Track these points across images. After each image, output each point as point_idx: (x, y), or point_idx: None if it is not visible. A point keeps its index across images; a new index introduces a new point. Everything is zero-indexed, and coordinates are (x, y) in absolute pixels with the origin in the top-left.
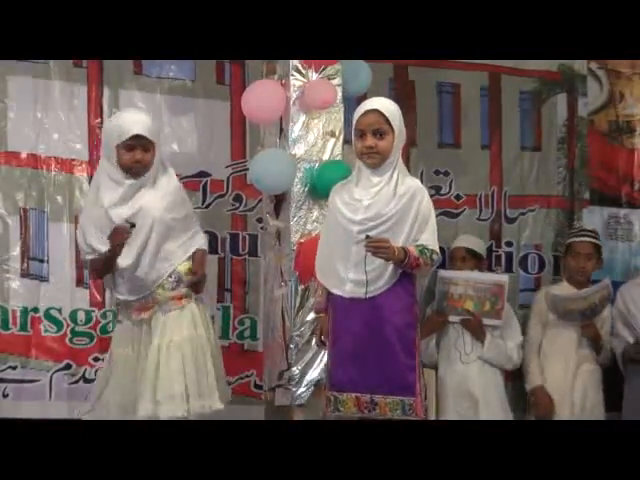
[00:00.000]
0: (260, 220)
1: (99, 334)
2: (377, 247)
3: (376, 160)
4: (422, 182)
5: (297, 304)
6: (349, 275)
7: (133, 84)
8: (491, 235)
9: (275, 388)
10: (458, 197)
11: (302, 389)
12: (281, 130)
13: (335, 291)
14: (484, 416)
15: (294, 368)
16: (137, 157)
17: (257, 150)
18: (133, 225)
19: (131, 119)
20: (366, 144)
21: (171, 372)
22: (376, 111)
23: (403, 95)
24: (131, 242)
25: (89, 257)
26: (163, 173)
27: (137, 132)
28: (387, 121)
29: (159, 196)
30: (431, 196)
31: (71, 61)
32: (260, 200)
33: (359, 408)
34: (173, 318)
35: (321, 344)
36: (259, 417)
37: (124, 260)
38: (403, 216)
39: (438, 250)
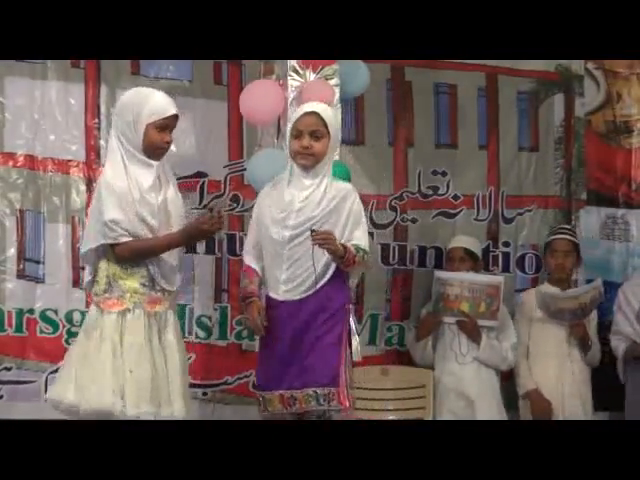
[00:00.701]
0: None
1: None
2: (323, 239)
3: (309, 162)
4: (420, 182)
5: None
6: (282, 278)
7: (131, 84)
8: (488, 235)
9: None
10: (455, 197)
11: None
12: (279, 130)
13: (269, 293)
14: (480, 417)
15: None
16: (168, 138)
17: (255, 150)
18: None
19: (165, 98)
20: (302, 144)
21: (180, 371)
22: (315, 114)
23: (400, 96)
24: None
25: (124, 239)
26: (168, 170)
27: (175, 112)
28: (325, 125)
29: (176, 189)
30: (429, 196)
31: (68, 61)
32: None
33: (283, 405)
34: (175, 317)
35: (263, 329)
36: (258, 417)
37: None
38: (334, 217)
39: (369, 250)
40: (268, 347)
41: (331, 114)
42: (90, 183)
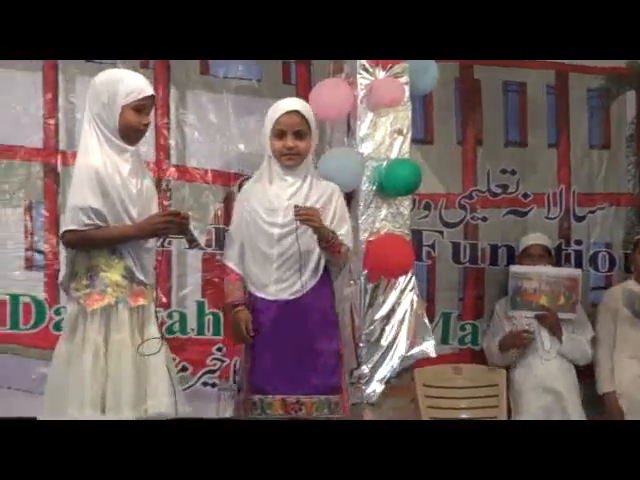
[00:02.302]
0: None
1: None
2: (307, 214)
3: (295, 161)
4: (488, 181)
5: (366, 302)
6: (272, 277)
7: (200, 84)
8: (560, 233)
9: None
10: (525, 196)
11: (372, 387)
12: (349, 128)
13: (258, 294)
14: (570, 410)
15: (364, 366)
16: (145, 120)
17: (325, 149)
18: (180, 214)
19: (141, 79)
20: (287, 144)
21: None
22: (297, 112)
23: (469, 94)
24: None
25: (84, 227)
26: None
27: (152, 93)
28: (307, 123)
29: (150, 179)
30: (498, 195)
31: (138, 62)
32: None
33: (286, 410)
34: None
35: (250, 338)
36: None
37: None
38: (322, 214)
39: (351, 250)
40: (261, 349)
41: (310, 111)
42: (159, 183)
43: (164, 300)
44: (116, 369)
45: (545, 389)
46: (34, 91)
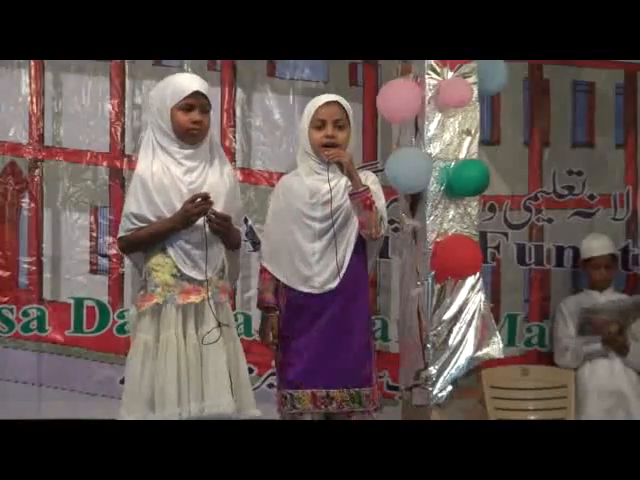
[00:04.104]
0: (392, 221)
1: None
2: (338, 153)
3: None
4: (554, 182)
5: (433, 303)
6: (313, 271)
7: (266, 86)
8: (628, 234)
9: (412, 388)
10: (592, 197)
11: (439, 389)
12: (417, 129)
13: (302, 288)
14: (634, 412)
15: (431, 368)
16: (196, 117)
17: (392, 149)
18: (208, 196)
19: (188, 77)
20: (328, 133)
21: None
22: (337, 103)
23: (538, 94)
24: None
25: (128, 232)
26: (220, 155)
27: (197, 89)
28: (346, 116)
29: (223, 179)
30: (564, 196)
31: (205, 65)
32: (393, 200)
33: (315, 404)
34: (222, 309)
35: (273, 345)
36: (394, 417)
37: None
38: None
39: (386, 225)
40: (295, 343)
41: (349, 105)
42: None
43: None
44: (161, 367)
45: (608, 392)
46: (101, 95)
